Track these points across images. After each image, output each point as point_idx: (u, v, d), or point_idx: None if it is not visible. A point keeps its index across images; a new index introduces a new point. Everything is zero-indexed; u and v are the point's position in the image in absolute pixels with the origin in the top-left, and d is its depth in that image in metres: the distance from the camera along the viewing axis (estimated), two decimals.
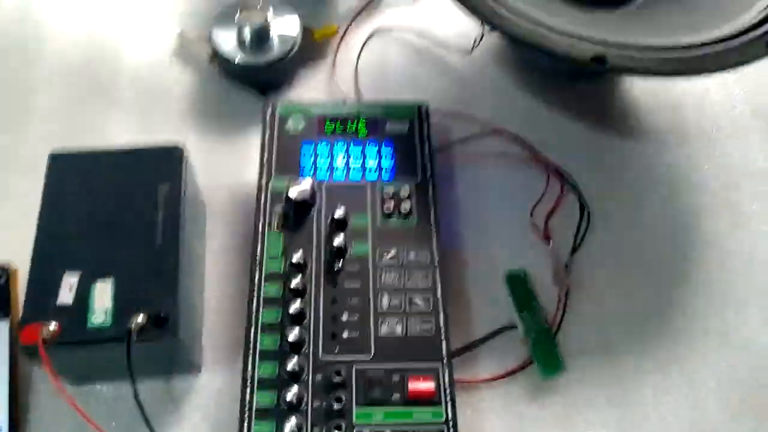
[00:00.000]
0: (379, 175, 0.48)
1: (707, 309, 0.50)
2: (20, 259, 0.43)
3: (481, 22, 0.48)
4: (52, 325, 0.37)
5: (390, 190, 0.47)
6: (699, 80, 0.63)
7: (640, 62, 0.46)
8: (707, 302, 0.51)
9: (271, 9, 0.56)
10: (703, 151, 0.59)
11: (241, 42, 0.57)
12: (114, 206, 0.42)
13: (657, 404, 0.46)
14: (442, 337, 0.42)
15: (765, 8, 0.49)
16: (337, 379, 0.40)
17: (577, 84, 0.61)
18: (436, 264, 0.45)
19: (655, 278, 0.51)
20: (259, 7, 0.56)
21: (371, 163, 0.48)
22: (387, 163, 0.49)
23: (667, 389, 0.47)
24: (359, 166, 0.48)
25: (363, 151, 0.49)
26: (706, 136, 0.60)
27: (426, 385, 0.40)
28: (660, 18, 0.53)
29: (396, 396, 0.40)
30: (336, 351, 0.41)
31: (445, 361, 0.41)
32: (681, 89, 0.62)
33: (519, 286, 0.50)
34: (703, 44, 0.47)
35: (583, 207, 0.54)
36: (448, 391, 0.40)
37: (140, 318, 0.37)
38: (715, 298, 0.51)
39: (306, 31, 0.60)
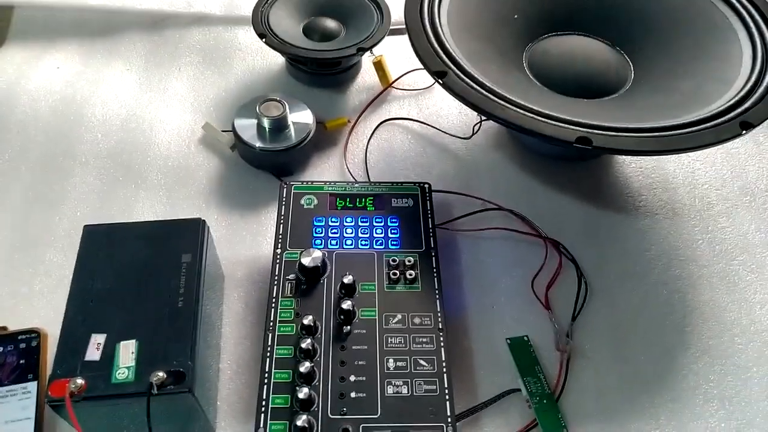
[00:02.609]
0: (386, 245, 0.52)
1: (707, 375, 0.52)
2: (53, 325, 0.46)
3: (477, 111, 0.53)
4: (79, 380, 0.39)
5: (396, 258, 0.51)
6: (688, 160, 0.67)
7: (621, 142, 0.50)
8: (707, 368, 0.52)
9: (287, 104, 0.62)
10: (696, 225, 0.62)
11: (260, 131, 0.63)
12: (140, 273, 0.46)
13: None
14: (447, 397, 0.44)
15: (737, 94, 0.54)
16: None
17: (571, 164, 0.66)
18: (440, 328, 0.47)
19: (654, 345, 0.53)
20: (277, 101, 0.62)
21: (378, 234, 0.52)
22: (393, 234, 0.52)
23: None
24: (367, 236, 0.52)
25: (371, 224, 0.53)
26: (697, 211, 0.63)
27: None
28: (641, 104, 0.58)
29: None
30: (344, 410, 0.43)
31: (449, 420, 0.43)
32: (671, 168, 0.67)
33: (522, 351, 0.52)
34: (681, 125, 0.52)
35: (580, 277, 0.56)
36: None
37: (160, 373, 0.40)
38: (715, 365, 0.52)
39: (319, 122, 0.66)
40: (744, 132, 0.50)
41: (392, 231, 0.53)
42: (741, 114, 0.52)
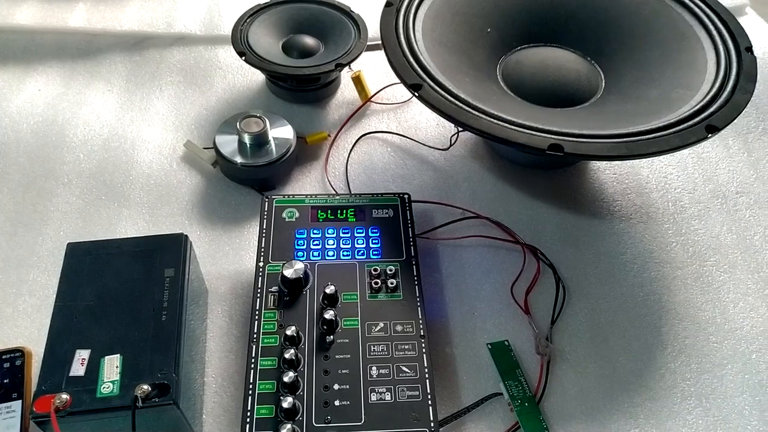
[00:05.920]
0: (367, 255, 0.52)
1: (684, 373, 0.53)
2: (37, 344, 0.46)
3: (452, 122, 0.54)
4: (64, 396, 0.40)
5: (377, 268, 0.51)
6: (661, 165, 0.69)
7: (592, 148, 0.51)
8: (684, 367, 0.53)
9: (267, 119, 0.63)
10: (670, 228, 0.64)
11: (241, 147, 0.63)
12: (123, 288, 0.46)
13: None
14: (429, 402, 0.45)
15: (702, 99, 0.56)
16: None
17: (547, 172, 0.67)
18: (422, 335, 0.48)
19: (632, 346, 0.54)
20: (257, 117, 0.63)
21: (360, 244, 0.53)
22: (374, 244, 0.53)
23: None
24: (349, 247, 0.53)
25: (352, 235, 0.54)
26: (670, 215, 0.65)
27: None
28: (611, 111, 0.60)
29: None
30: (328, 418, 0.44)
31: (432, 425, 0.44)
32: (645, 174, 0.68)
33: (503, 356, 0.52)
34: (650, 131, 0.53)
35: (558, 282, 0.58)
36: None
37: (145, 386, 0.40)
38: (691, 363, 0.54)
39: (300, 137, 0.67)
40: (710, 135, 0.52)
41: (373, 241, 0.54)
42: (706, 118, 0.54)
